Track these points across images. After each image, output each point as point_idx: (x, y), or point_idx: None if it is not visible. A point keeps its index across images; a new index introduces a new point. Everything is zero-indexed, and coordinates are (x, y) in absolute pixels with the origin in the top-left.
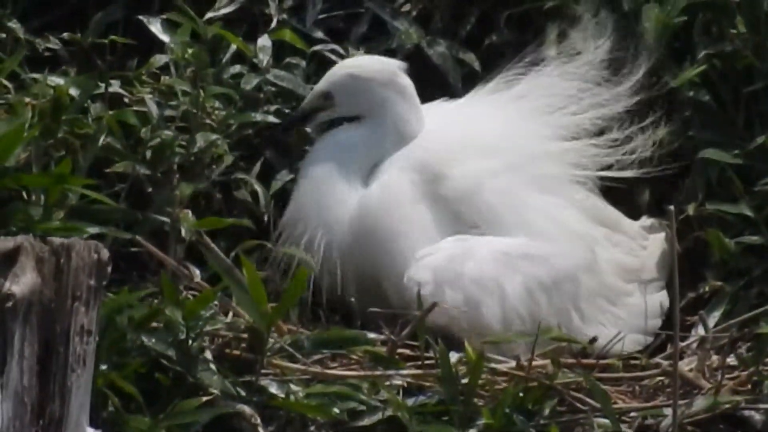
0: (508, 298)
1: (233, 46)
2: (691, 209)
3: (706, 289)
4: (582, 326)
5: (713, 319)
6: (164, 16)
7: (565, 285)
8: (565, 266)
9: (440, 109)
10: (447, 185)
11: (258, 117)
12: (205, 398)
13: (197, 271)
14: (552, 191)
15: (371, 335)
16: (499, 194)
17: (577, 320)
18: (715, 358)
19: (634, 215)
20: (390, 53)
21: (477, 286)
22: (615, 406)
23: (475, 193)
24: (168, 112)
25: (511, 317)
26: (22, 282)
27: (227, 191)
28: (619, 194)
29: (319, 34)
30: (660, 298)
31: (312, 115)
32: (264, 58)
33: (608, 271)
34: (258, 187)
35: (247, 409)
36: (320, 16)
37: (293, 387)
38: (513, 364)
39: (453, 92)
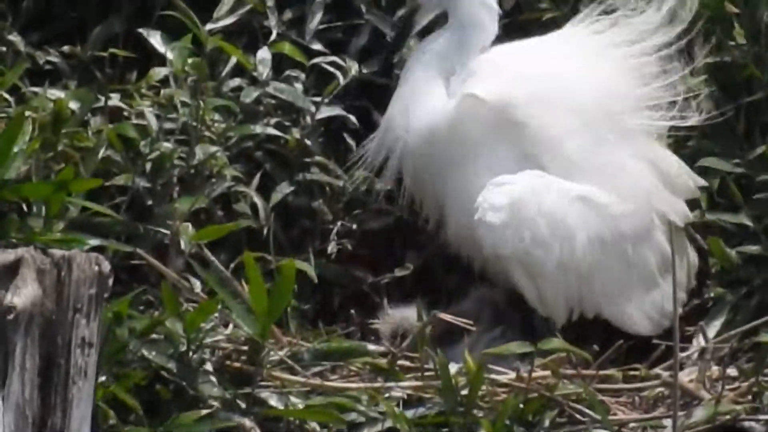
0: (574, 249)
1: (233, 59)
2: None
3: (712, 295)
4: (614, 297)
5: (714, 328)
6: (166, 21)
7: (620, 249)
8: (627, 231)
9: (532, 47)
10: (526, 133)
11: (258, 129)
12: (205, 411)
13: (198, 283)
14: (631, 149)
15: (371, 347)
16: (577, 149)
17: (615, 291)
18: (715, 368)
19: None
20: (390, 66)
21: (548, 229)
22: (615, 417)
23: (554, 146)
24: (167, 125)
25: (569, 268)
26: (24, 294)
27: (227, 204)
28: None
29: (319, 47)
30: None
31: (412, 21)
32: (264, 71)
33: (653, 254)
34: (258, 200)
35: (246, 422)
36: (320, 27)
37: (293, 399)
38: (513, 375)
39: None
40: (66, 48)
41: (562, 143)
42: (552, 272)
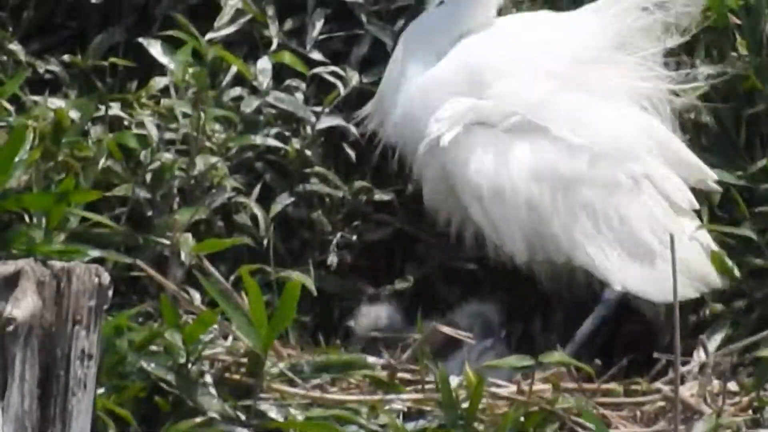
0: (512, 174)
1: (233, 69)
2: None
3: (706, 312)
4: (580, 244)
5: (714, 342)
6: (165, 33)
7: (582, 194)
8: (590, 175)
9: (522, 18)
10: (489, 94)
11: (258, 140)
12: (203, 421)
13: (197, 295)
14: (618, 113)
15: (371, 359)
16: (542, 99)
17: (582, 238)
18: (716, 383)
19: None
20: None
21: (482, 138)
22: (616, 431)
23: (518, 98)
24: (168, 135)
25: (508, 196)
26: (23, 306)
27: (227, 215)
28: None
29: (319, 57)
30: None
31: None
32: (264, 81)
33: (639, 220)
34: (258, 211)
35: None
36: (320, 37)
37: (292, 411)
38: (513, 388)
39: None
40: (66, 57)
41: (526, 95)
42: (491, 198)
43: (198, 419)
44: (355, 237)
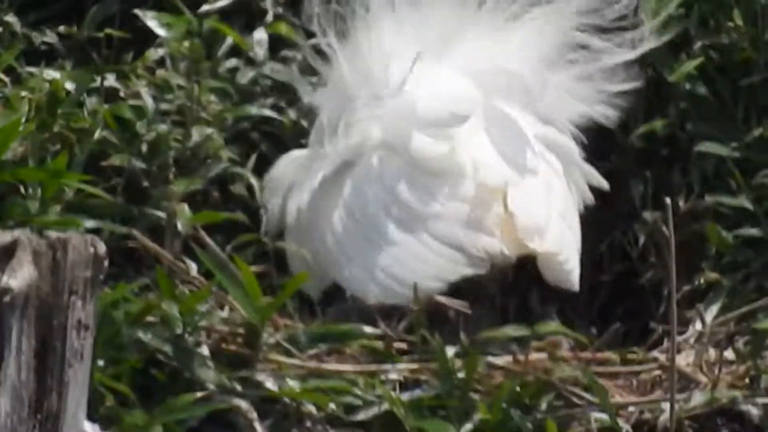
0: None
1: (229, 40)
2: (685, 202)
3: (702, 281)
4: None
5: (711, 313)
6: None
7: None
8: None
9: None
10: None
11: (254, 111)
12: (200, 393)
13: (194, 266)
14: None
15: (367, 329)
16: None
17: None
18: (712, 352)
19: (630, 207)
20: None
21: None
22: (612, 400)
23: None
24: (164, 106)
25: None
26: (20, 276)
27: (223, 185)
28: (614, 185)
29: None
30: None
31: None
32: (260, 52)
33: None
34: (254, 181)
35: (243, 404)
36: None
37: (289, 382)
38: (509, 358)
39: None
40: (62, 28)
41: None
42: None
43: (198, 394)
44: None
